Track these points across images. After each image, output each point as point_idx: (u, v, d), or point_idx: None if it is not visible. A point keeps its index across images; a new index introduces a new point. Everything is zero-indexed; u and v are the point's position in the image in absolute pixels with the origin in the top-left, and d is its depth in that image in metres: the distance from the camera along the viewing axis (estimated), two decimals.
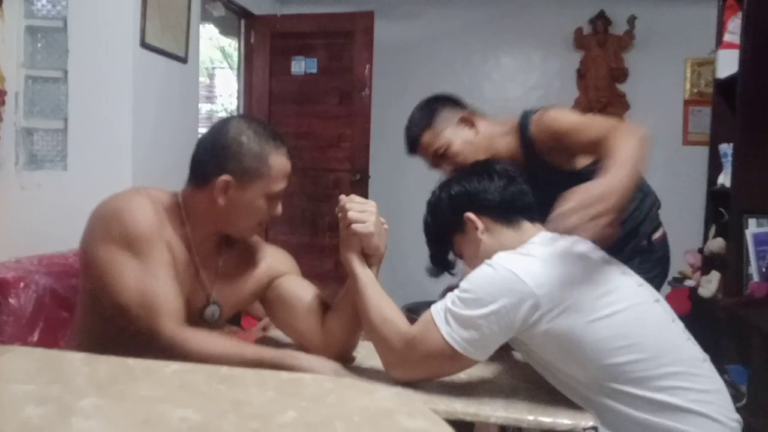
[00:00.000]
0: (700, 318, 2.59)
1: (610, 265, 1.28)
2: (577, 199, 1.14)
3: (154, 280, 1.23)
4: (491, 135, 1.80)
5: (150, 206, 1.28)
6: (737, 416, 1.23)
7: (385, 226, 1.37)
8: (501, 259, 1.23)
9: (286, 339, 1.49)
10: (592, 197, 1.15)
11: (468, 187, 1.37)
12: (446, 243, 1.42)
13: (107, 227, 1.26)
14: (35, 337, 1.78)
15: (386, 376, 1.27)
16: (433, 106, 1.85)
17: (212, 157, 1.31)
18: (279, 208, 1.36)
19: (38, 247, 2.08)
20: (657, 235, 1.84)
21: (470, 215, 1.35)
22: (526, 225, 1.35)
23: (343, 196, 1.36)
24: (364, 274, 1.33)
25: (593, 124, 1.55)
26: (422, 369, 1.25)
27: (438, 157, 1.79)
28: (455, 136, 1.77)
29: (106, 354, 1.14)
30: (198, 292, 1.36)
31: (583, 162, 1.68)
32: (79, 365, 0.92)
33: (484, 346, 1.20)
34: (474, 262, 1.35)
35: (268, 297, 1.45)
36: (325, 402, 0.80)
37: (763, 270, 2.40)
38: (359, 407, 0.79)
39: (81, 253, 1.34)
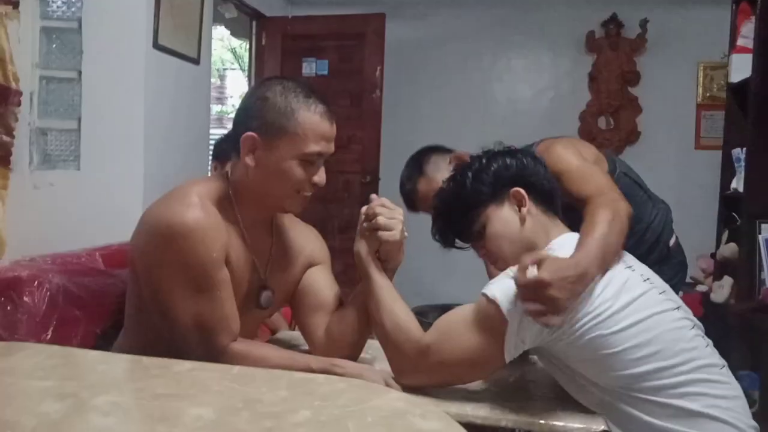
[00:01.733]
0: (712, 323, 2.55)
1: (633, 271, 1.26)
2: (553, 273, 1.10)
3: (210, 306, 1.19)
4: None
5: (204, 220, 1.19)
6: (754, 423, 1.21)
7: (406, 234, 1.33)
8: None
9: (296, 341, 1.50)
10: (571, 276, 1.12)
11: (523, 163, 1.34)
12: (475, 212, 1.33)
13: (161, 251, 1.19)
14: (49, 335, 1.79)
15: None
16: (419, 158, 1.89)
17: (241, 117, 1.27)
18: (321, 175, 1.26)
19: (51, 246, 2.09)
20: (672, 241, 1.87)
21: (520, 190, 1.30)
22: (558, 222, 1.34)
23: (374, 196, 1.33)
24: (379, 276, 1.30)
25: (589, 179, 1.48)
26: (433, 377, 1.23)
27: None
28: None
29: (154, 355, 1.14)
30: (252, 278, 1.32)
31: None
32: (95, 362, 0.93)
33: (507, 352, 1.17)
34: (500, 242, 1.31)
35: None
36: (337, 402, 0.80)
37: None
38: (372, 407, 0.79)
39: (131, 260, 1.29)
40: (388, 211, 1.29)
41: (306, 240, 1.44)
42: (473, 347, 1.18)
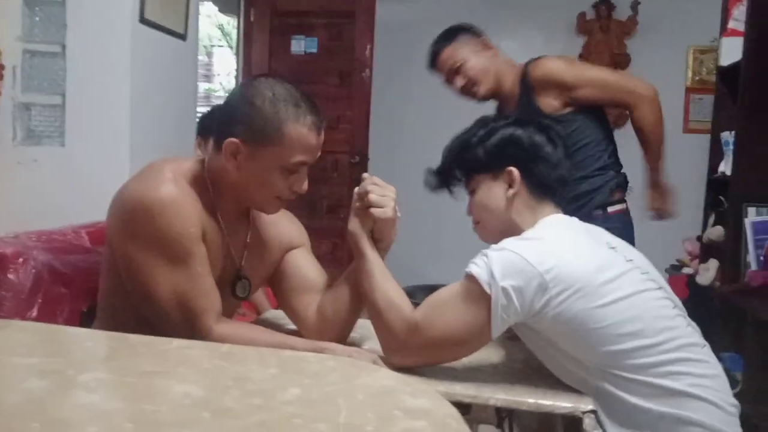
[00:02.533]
0: (697, 305, 2.60)
1: (616, 251, 1.28)
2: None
3: (190, 281, 1.17)
4: (502, 66, 2.10)
5: (179, 195, 1.18)
6: (735, 401, 1.23)
7: (399, 214, 1.33)
8: (507, 244, 1.21)
9: (281, 321, 1.49)
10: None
11: (533, 140, 1.32)
12: (469, 171, 1.36)
13: (136, 226, 1.18)
14: (34, 312, 1.77)
15: None
16: (457, 28, 2.13)
17: (225, 117, 1.24)
18: (303, 185, 1.26)
19: (36, 223, 2.07)
20: (615, 208, 2.06)
21: (514, 172, 1.30)
22: (549, 206, 1.34)
23: (366, 175, 1.32)
24: (372, 255, 1.30)
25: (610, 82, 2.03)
26: (424, 354, 1.24)
27: (452, 72, 2.08)
28: (473, 56, 2.07)
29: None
30: (227, 266, 1.31)
31: (567, 109, 2.00)
32: (80, 340, 0.91)
33: (494, 326, 1.17)
34: (483, 212, 1.35)
35: (277, 269, 1.43)
36: (327, 380, 0.80)
37: (761, 258, 2.41)
38: (362, 385, 0.79)
39: (107, 241, 1.27)
40: (380, 189, 1.29)
41: (282, 225, 1.44)
42: (461, 323, 1.19)
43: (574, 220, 1.37)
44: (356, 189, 1.32)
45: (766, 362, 2.31)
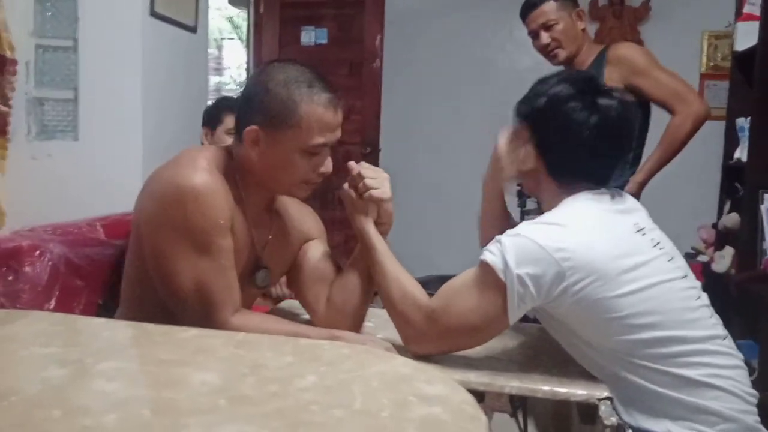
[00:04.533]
0: (712, 293, 2.56)
1: (642, 235, 1.23)
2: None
3: (213, 273, 1.17)
4: (586, 39, 2.27)
5: (213, 185, 1.18)
6: (753, 391, 1.22)
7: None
8: (522, 229, 1.19)
9: (297, 311, 1.50)
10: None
11: (573, 139, 1.21)
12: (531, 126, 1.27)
13: (168, 213, 1.17)
14: (52, 304, 1.79)
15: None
16: None
17: (243, 106, 1.25)
18: (328, 165, 1.25)
19: (50, 217, 2.08)
20: None
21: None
22: (577, 186, 1.25)
23: (352, 163, 1.33)
24: (381, 244, 1.31)
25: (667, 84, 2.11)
26: (443, 342, 1.23)
27: (543, 27, 2.22)
28: (567, 20, 2.22)
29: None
30: (250, 256, 1.31)
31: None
32: (98, 329, 0.92)
33: (510, 313, 1.17)
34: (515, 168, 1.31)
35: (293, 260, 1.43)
36: (342, 367, 0.80)
37: None
38: (377, 372, 0.79)
39: (135, 226, 1.26)
40: (372, 172, 1.31)
41: (302, 218, 1.45)
42: (477, 311, 1.18)
43: (604, 198, 1.25)
44: (345, 185, 1.33)
45: None
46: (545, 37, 2.23)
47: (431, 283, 2.11)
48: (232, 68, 6.49)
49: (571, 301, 1.14)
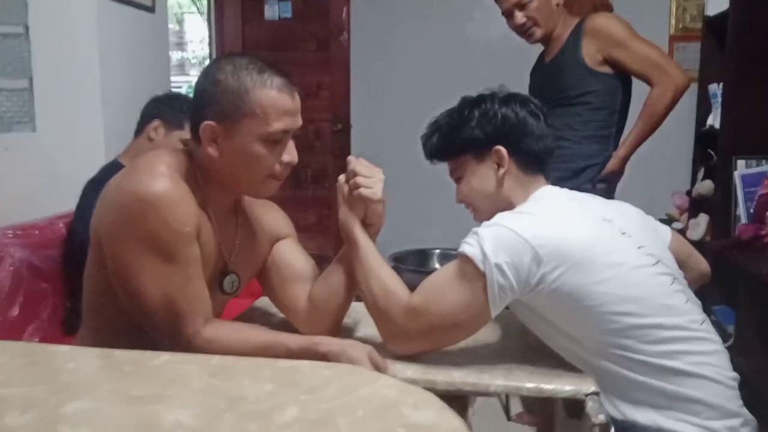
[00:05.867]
0: None
1: (611, 225, 1.25)
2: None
3: (181, 283, 1.12)
4: (560, 14, 2.20)
5: (175, 191, 1.12)
6: (735, 374, 1.23)
7: (384, 198, 1.28)
8: (498, 219, 1.19)
9: (273, 309, 1.45)
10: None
11: (519, 117, 1.29)
12: (457, 153, 1.33)
13: (130, 225, 1.11)
14: (15, 311, 1.72)
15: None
16: None
17: (196, 104, 1.19)
18: (291, 153, 1.18)
19: (12, 216, 2.00)
20: (600, 186, 2.16)
21: (501, 150, 1.28)
22: (540, 179, 1.32)
23: (351, 158, 1.28)
24: (365, 241, 1.26)
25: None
26: (425, 339, 1.21)
27: (517, 6, 2.15)
28: None
29: (119, 340, 1.08)
30: (217, 261, 1.26)
31: (603, 68, 2.11)
32: (63, 361, 0.87)
33: (492, 304, 1.15)
34: (474, 197, 1.32)
35: (264, 261, 1.38)
36: (325, 394, 0.76)
37: (751, 212, 2.40)
38: (362, 398, 0.75)
39: (95, 238, 1.19)
40: (367, 170, 1.25)
41: (269, 216, 1.39)
42: (459, 305, 1.16)
43: (565, 191, 1.34)
44: (340, 177, 1.28)
45: (757, 315, 2.33)
46: (520, 17, 2.17)
47: (407, 258, 2.10)
48: (195, 42, 6.30)
49: (549, 289, 1.13)
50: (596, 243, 1.18)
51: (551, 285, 1.13)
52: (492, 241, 1.14)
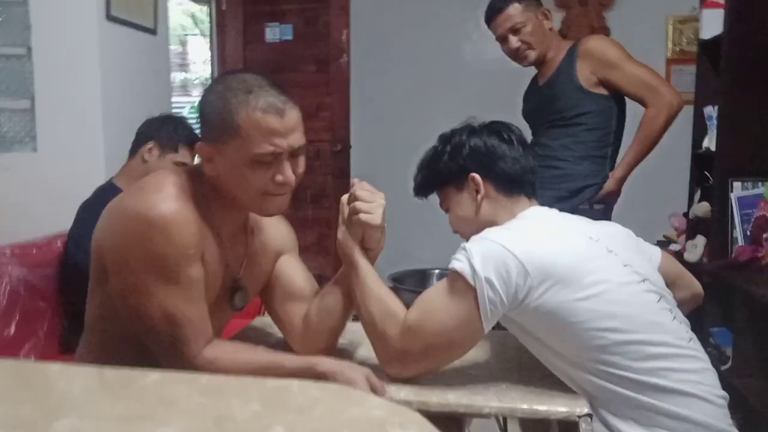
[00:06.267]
0: None
1: (598, 243, 1.26)
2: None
3: (183, 305, 1.13)
4: (554, 38, 2.24)
5: (180, 212, 1.12)
6: (723, 393, 1.23)
7: (385, 224, 1.29)
8: (486, 233, 1.22)
9: (271, 329, 1.45)
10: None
11: (488, 144, 1.33)
12: (438, 186, 1.39)
13: (134, 245, 1.11)
14: (12, 330, 1.73)
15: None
16: None
17: (199, 123, 1.21)
18: (286, 174, 1.14)
19: (11, 234, 2.01)
20: (600, 206, 2.20)
21: (476, 177, 1.32)
22: (523, 200, 1.34)
23: (355, 180, 1.28)
24: (364, 263, 1.27)
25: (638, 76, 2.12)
26: (420, 359, 1.21)
27: (511, 31, 2.18)
28: (534, 21, 2.18)
29: (119, 356, 1.10)
30: (226, 278, 1.26)
31: (598, 89, 2.14)
32: (53, 380, 0.87)
33: (484, 319, 1.16)
34: (461, 224, 1.36)
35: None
36: (312, 414, 0.76)
37: (748, 233, 2.40)
38: (349, 419, 0.75)
39: (97, 256, 1.19)
40: (369, 195, 1.25)
41: (274, 230, 1.39)
42: (452, 321, 1.18)
43: (553, 211, 1.36)
44: (343, 197, 1.29)
45: (755, 336, 2.32)
46: (514, 41, 2.20)
47: (406, 278, 2.09)
48: (198, 63, 6.35)
49: (535, 305, 1.15)
50: (582, 260, 1.20)
51: (537, 300, 1.15)
52: (480, 255, 1.16)
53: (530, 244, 1.17)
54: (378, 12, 4.11)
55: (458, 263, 1.17)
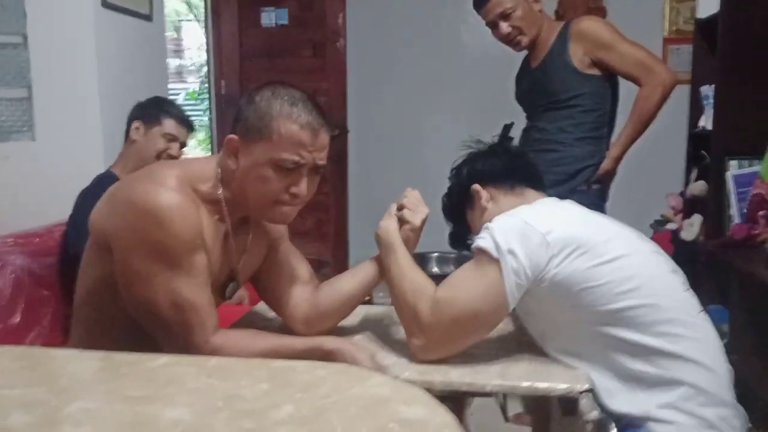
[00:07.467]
0: (682, 261, 2.61)
1: (610, 220, 1.35)
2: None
3: (191, 293, 1.15)
4: (545, 20, 2.22)
5: (182, 204, 1.15)
6: (729, 366, 1.25)
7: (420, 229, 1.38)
8: (509, 212, 1.28)
9: (269, 314, 1.48)
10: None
11: (475, 166, 1.44)
12: (463, 221, 1.47)
13: (139, 234, 1.14)
14: (17, 318, 1.75)
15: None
16: None
17: (234, 117, 1.25)
18: (301, 187, 1.20)
19: (12, 224, 2.02)
20: (596, 187, 2.19)
21: (476, 186, 1.40)
22: (530, 192, 1.40)
23: (409, 189, 1.40)
24: (403, 249, 1.34)
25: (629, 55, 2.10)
26: (447, 335, 1.24)
27: (501, 17, 2.17)
28: (523, 4, 2.16)
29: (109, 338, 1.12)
30: (223, 268, 1.29)
31: (591, 70, 2.14)
32: (63, 363, 0.89)
33: (509, 291, 1.20)
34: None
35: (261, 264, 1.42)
36: (318, 392, 0.79)
37: (744, 212, 2.42)
38: (354, 396, 0.77)
39: (94, 238, 1.22)
40: (414, 202, 1.37)
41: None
42: (477, 294, 1.22)
43: (565, 201, 1.42)
44: (397, 200, 1.39)
45: (751, 314, 2.35)
46: (505, 27, 2.18)
47: None
48: (192, 49, 6.33)
49: (554, 272, 1.19)
50: (599, 230, 1.27)
51: (557, 268, 1.19)
52: (503, 230, 1.22)
53: (549, 219, 1.24)
54: None
55: (482, 241, 1.24)
